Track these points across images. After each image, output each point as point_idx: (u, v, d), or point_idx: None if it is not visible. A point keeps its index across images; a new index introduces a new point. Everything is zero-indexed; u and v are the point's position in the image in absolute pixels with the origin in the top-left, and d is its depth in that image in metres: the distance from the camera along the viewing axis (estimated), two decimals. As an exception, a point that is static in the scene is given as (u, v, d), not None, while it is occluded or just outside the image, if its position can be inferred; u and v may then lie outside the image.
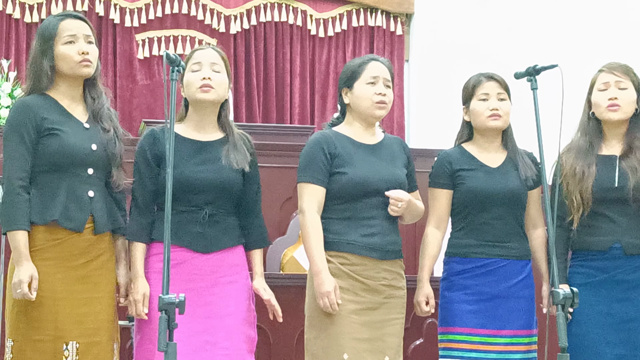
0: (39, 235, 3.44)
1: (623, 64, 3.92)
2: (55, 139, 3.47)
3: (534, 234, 3.96)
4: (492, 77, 3.90)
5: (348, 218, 3.70)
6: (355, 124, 3.81)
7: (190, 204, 3.58)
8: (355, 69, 3.79)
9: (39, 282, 3.38)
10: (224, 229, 3.63)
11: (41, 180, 3.47)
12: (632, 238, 3.78)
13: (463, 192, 3.86)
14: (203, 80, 3.61)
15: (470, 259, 3.82)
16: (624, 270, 3.78)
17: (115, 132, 3.59)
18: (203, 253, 3.59)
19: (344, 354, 3.59)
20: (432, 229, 3.90)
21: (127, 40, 7.92)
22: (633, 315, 3.76)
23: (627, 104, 3.84)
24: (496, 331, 3.79)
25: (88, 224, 3.49)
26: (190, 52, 3.77)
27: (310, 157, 3.72)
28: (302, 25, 8.19)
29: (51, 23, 3.57)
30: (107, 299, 3.54)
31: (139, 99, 7.89)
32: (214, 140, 3.68)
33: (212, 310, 3.56)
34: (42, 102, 3.52)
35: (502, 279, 3.82)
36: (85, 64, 3.53)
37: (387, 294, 3.71)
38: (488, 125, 3.86)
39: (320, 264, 3.61)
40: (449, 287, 3.87)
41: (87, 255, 3.49)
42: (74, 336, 3.43)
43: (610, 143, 3.91)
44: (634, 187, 3.77)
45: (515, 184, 3.86)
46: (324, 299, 3.58)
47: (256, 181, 3.77)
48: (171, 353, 2.99)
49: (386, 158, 3.79)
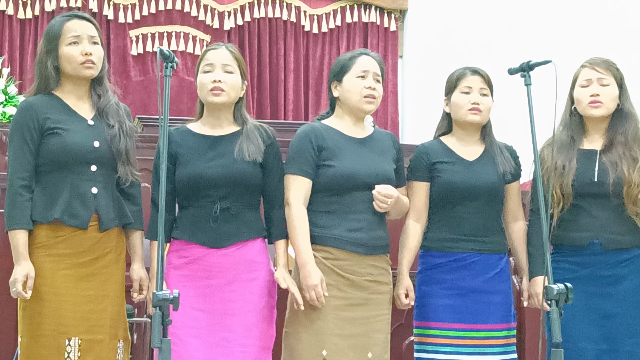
0: (43, 233, 3.44)
1: (605, 59, 3.91)
2: (57, 138, 3.47)
3: (515, 227, 3.94)
4: (476, 72, 3.88)
5: (334, 211, 3.66)
6: (345, 118, 3.79)
7: (205, 200, 3.56)
8: (345, 62, 3.78)
9: (42, 277, 3.40)
10: (241, 223, 3.60)
11: (45, 179, 3.48)
12: (611, 234, 3.77)
13: (440, 185, 3.83)
14: (214, 83, 3.59)
15: (446, 253, 3.80)
16: (603, 266, 3.77)
17: (120, 127, 3.58)
18: (218, 248, 3.58)
19: (323, 350, 3.57)
20: (411, 222, 3.87)
21: (120, 36, 7.92)
22: (613, 311, 3.75)
23: (609, 100, 3.83)
24: (473, 325, 3.77)
25: (93, 221, 3.49)
26: (203, 52, 3.73)
27: (298, 149, 3.70)
28: (296, 21, 8.19)
29: (57, 23, 3.56)
30: (114, 297, 3.53)
31: (133, 95, 7.89)
32: (227, 135, 3.66)
33: (231, 307, 3.54)
34: (47, 102, 3.53)
35: (478, 273, 3.80)
36: (88, 66, 3.52)
37: (372, 289, 3.68)
38: (467, 120, 3.84)
39: (307, 256, 3.58)
40: (424, 281, 3.85)
41: (94, 252, 3.49)
42: (77, 332, 3.42)
43: (592, 138, 3.90)
44: (613, 182, 3.76)
45: (493, 178, 3.84)
46: (311, 292, 3.55)
47: (276, 171, 3.70)
48: (165, 349, 2.98)
49: (375, 152, 3.76)
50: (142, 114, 7.30)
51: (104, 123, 3.56)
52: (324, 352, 3.56)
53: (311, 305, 3.58)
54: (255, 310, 3.57)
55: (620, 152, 3.80)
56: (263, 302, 3.60)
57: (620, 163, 3.77)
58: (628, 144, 3.81)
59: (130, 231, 3.63)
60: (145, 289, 3.60)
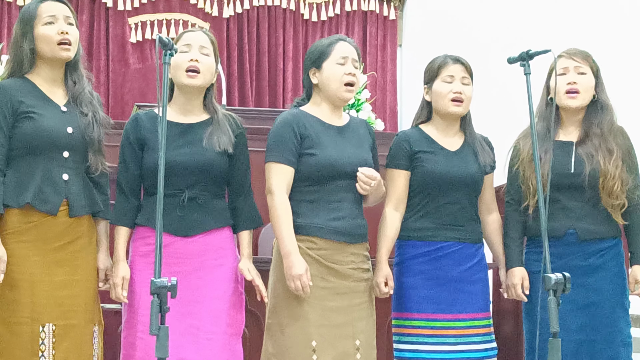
0: (14, 218, 3.42)
1: (582, 49, 3.91)
2: (30, 122, 3.44)
3: (489, 218, 3.93)
4: (458, 60, 3.86)
5: (316, 200, 3.63)
6: (323, 105, 3.74)
7: (173, 187, 3.53)
8: (324, 49, 3.73)
9: (14, 264, 3.37)
10: (208, 212, 3.59)
11: (17, 163, 3.45)
12: (587, 224, 3.77)
13: (421, 174, 3.81)
14: (191, 62, 3.56)
15: (425, 242, 3.78)
16: (579, 256, 3.77)
17: (94, 116, 3.56)
18: (184, 237, 3.56)
19: (312, 341, 3.54)
20: (390, 210, 3.83)
21: (119, 24, 7.89)
22: (590, 300, 3.76)
23: (585, 89, 3.83)
24: (454, 315, 3.76)
25: (63, 206, 3.46)
26: (179, 34, 3.71)
27: (280, 136, 3.64)
28: (295, 9, 8.16)
29: (31, 6, 3.54)
30: (86, 281, 3.51)
31: (132, 83, 7.87)
32: (197, 123, 3.63)
33: (199, 294, 3.52)
34: (20, 86, 3.50)
35: (457, 262, 3.79)
36: (64, 48, 3.49)
37: (354, 277, 3.65)
38: (449, 110, 3.82)
39: (290, 245, 3.53)
40: (403, 272, 3.82)
41: (64, 238, 3.46)
42: (51, 318, 3.41)
43: (568, 129, 3.90)
44: (589, 174, 3.76)
45: (474, 169, 3.83)
46: (296, 282, 3.50)
47: (244, 161, 3.70)
48: (163, 336, 2.97)
49: (353, 140, 3.74)
50: (141, 101, 7.28)
51: (78, 110, 3.53)
52: (313, 343, 3.54)
53: (296, 296, 3.54)
54: (223, 297, 3.55)
55: (596, 143, 3.81)
56: (231, 288, 3.58)
57: (596, 155, 3.78)
58: (604, 135, 3.82)
59: (97, 220, 3.60)
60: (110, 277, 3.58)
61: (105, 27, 7.84)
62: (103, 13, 7.83)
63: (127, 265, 3.53)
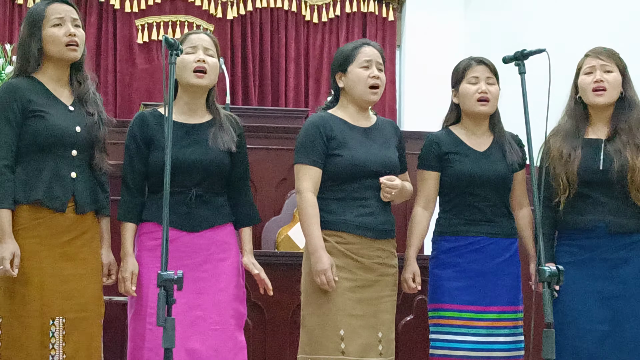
0: (23, 214, 3.43)
1: (608, 48, 3.92)
2: (40, 121, 3.46)
3: (520, 213, 3.97)
4: (482, 61, 3.90)
5: (343, 199, 3.69)
6: (350, 107, 3.80)
7: (179, 185, 3.56)
8: (349, 53, 3.77)
9: (24, 259, 3.38)
10: (213, 209, 3.62)
11: (27, 160, 3.46)
12: (616, 218, 3.78)
13: (450, 175, 3.86)
14: (198, 63, 3.59)
15: (459, 237, 3.83)
16: (608, 249, 3.78)
17: (99, 116, 3.59)
18: (191, 232, 3.58)
19: (340, 330, 3.60)
20: (420, 209, 3.90)
21: (127, 25, 7.90)
22: (616, 293, 3.76)
23: (612, 87, 3.83)
24: (484, 307, 3.80)
25: (70, 203, 3.49)
26: (184, 35, 3.75)
27: (308, 139, 3.71)
28: (296, 11, 8.17)
29: (39, 7, 3.55)
30: (94, 275, 3.53)
31: (139, 83, 7.88)
32: (201, 123, 3.66)
33: (203, 286, 3.56)
34: (29, 85, 3.50)
35: (489, 256, 3.82)
36: (71, 48, 3.51)
37: (380, 271, 3.71)
38: (476, 110, 3.86)
39: (317, 242, 3.60)
40: (438, 265, 3.87)
41: (71, 233, 3.48)
42: (61, 312, 3.42)
43: (597, 127, 3.90)
44: (617, 170, 3.77)
45: (501, 168, 3.86)
46: (321, 277, 3.58)
47: (244, 161, 3.74)
48: (169, 327, 2.98)
49: (380, 141, 3.78)
50: (147, 100, 7.29)
51: (84, 110, 3.55)
52: (341, 332, 3.60)
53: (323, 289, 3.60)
54: (227, 290, 3.59)
55: (625, 139, 3.81)
56: (234, 281, 3.62)
57: (624, 150, 3.78)
58: (632, 131, 3.82)
59: (100, 216, 3.62)
60: (114, 274, 3.60)
61: (113, 29, 7.85)
62: (111, 15, 7.85)
63: (135, 260, 3.55)
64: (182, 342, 3.42)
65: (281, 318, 4.54)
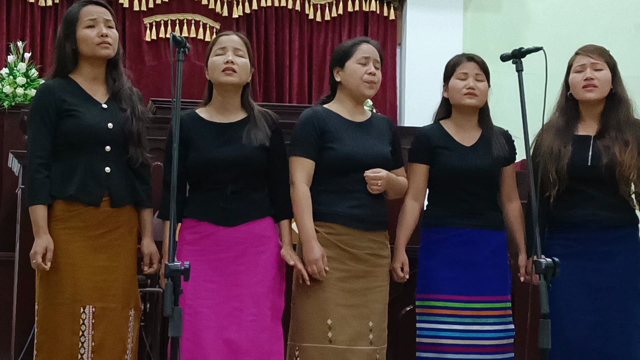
0: (59, 207, 3.51)
1: (598, 46, 3.92)
2: (73, 120, 3.53)
3: (510, 207, 3.98)
4: (472, 58, 3.93)
5: (335, 191, 3.72)
6: (345, 102, 3.81)
7: (216, 182, 3.61)
8: (347, 49, 3.80)
9: (59, 249, 3.46)
10: (250, 203, 3.65)
11: (62, 157, 3.54)
12: (606, 212, 3.80)
13: (439, 168, 3.88)
14: (227, 64, 3.61)
15: (447, 229, 3.84)
16: (598, 242, 3.80)
17: (132, 111, 3.62)
18: (227, 227, 3.61)
19: (328, 319, 3.61)
20: (410, 201, 3.92)
21: (135, 23, 7.90)
22: (605, 285, 3.78)
23: (602, 83, 3.85)
24: (472, 297, 3.81)
25: (105, 197, 3.55)
26: (215, 37, 3.80)
27: (302, 132, 3.74)
28: (300, 10, 8.17)
29: (74, 9, 3.63)
30: (125, 268, 3.59)
31: (147, 80, 7.88)
32: (236, 122, 3.71)
33: (241, 279, 3.60)
34: (64, 85, 3.58)
35: (477, 248, 3.84)
36: (104, 46, 3.55)
37: (372, 262, 3.72)
38: (464, 102, 3.87)
39: (309, 232, 3.63)
40: (426, 256, 3.90)
41: (106, 226, 3.55)
42: (91, 300, 3.50)
43: (587, 123, 3.92)
44: (606, 166, 3.78)
45: (487, 163, 3.87)
46: (312, 266, 3.60)
47: (280, 155, 3.76)
48: (177, 317, 3.00)
49: (373, 135, 3.80)
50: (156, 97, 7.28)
51: (117, 106, 3.59)
52: (328, 321, 3.60)
53: (314, 278, 3.62)
54: (264, 281, 3.61)
55: (613, 136, 3.82)
56: (272, 273, 3.64)
57: (613, 146, 3.79)
58: (620, 127, 3.83)
59: (140, 209, 3.69)
60: (155, 263, 3.64)
61: (122, 27, 7.86)
62: (120, 13, 7.86)
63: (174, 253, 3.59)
64: (220, 333, 3.50)
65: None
